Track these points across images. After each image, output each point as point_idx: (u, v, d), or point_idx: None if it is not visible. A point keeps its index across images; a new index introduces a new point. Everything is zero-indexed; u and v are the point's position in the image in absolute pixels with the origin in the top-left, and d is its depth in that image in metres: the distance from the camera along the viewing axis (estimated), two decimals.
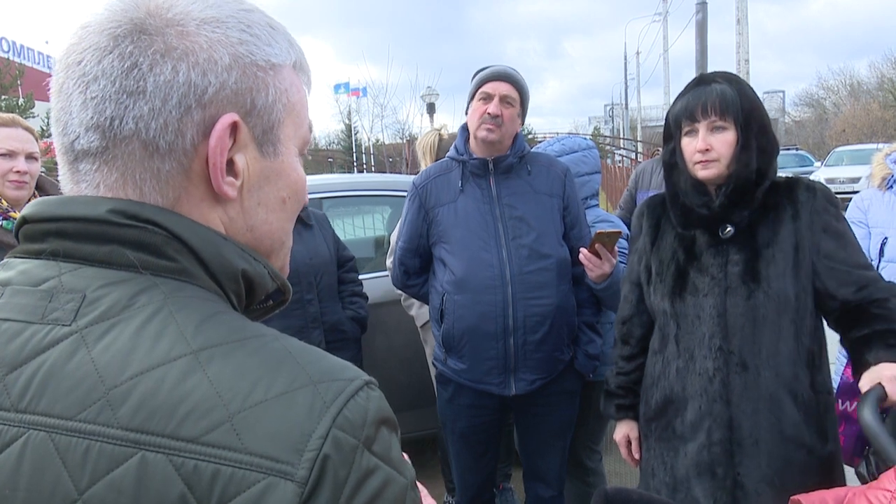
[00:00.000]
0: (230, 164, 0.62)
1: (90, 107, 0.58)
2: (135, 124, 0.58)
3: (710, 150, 1.73)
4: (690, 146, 1.77)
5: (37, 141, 2.39)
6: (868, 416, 1.50)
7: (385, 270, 3.15)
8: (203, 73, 0.59)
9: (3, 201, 2.23)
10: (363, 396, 0.54)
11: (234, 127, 0.60)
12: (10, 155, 2.25)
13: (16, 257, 0.62)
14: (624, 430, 2.05)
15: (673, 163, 1.84)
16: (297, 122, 0.67)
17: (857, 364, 1.67)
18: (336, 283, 2.88)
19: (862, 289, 1.70)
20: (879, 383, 1.55)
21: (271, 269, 0.66)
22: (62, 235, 0.59)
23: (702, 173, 1.76)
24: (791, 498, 1.40)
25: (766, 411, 1.70)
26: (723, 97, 1.72)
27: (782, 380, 1.70)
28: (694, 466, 1.78)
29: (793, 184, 1.78)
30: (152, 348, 0.53)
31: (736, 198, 1.74)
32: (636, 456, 2.03)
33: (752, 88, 1.79)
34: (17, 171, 2.25)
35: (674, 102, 1.84)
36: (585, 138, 3.14)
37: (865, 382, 1.59)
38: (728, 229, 1.76)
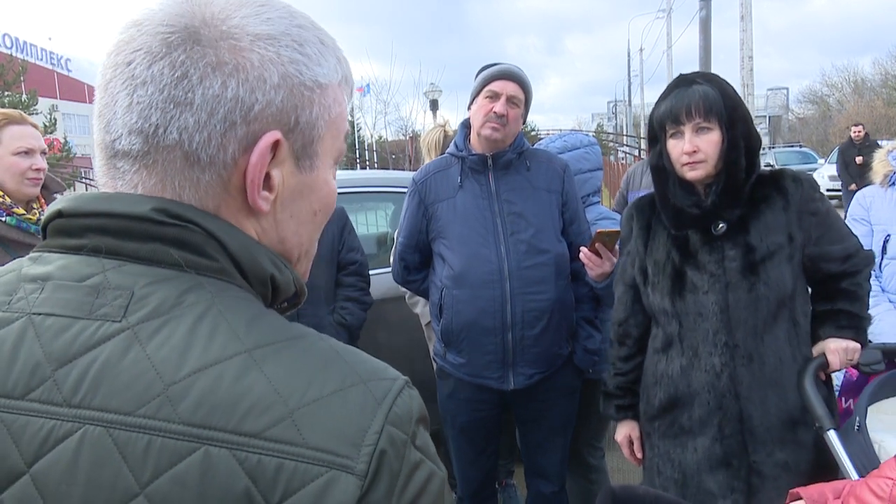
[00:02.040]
0: (266, 177, 0.62)
1: (135, 111, 0.58)
2: (178, 135, 0.58)
3: (696, 151, 1.76)
4: (677, 148, 1.79)
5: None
6: (807, 383, 1.74)
7: (389, 267, 3.15)
8: (251, 91, 0.59)
9: (6, 197, 2.21)
10: (407, 395, 0.56)
11: (275, 144, 0.61)
12: (29, 153, 2.24)
13: (51, 252, 0.61)
14: (625, 431, 2.06)
15: (660, 165, 1.86)
16: (335, 135, 0.67)
17: (811, 336, 1.84)
18: (324, 286, 2.80)
19: (846, 259, 1.81)
20: (823, 353, 1.78)
21: (296, 277, 0.67)
22: (103, 231, 0.59)
23: (690, 174, 1.79)
24: (790, 491, 1.41)
25: (775, 398, 1.76)
26: (706, 98, 1.75)
27: (785, 364, 1.77)
28: (706, 460, 1.80)
29: (778, 176, 1.83)
30: (207, 346, 0.54)
31: (727, 196, 1.77)
32: (639, 455, 2.05)
33: (732, 87, 1.83)
34: (37, 169, 2.25)
35: (656, 105, 1.87)
36: (587, 135, 3.14)
37: (814, 353, 1.81)
38: (721, 226, 1.80)
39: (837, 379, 2.71)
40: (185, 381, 0.52)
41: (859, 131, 10.37)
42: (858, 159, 10.28)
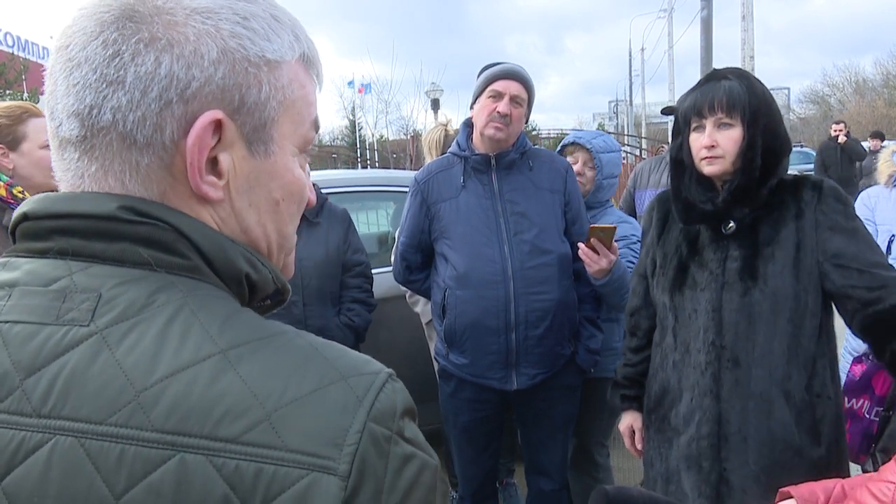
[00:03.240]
0: (214, 162, 0.59)
1: (72, 93, 0.57)
2: (112, 115, 0.56)
3: (715, 146, 1.73)
4: (697, 142, 1.77)
5: None
6: None
7: (389, 266, 3.14)
8: (187, 67, 0.56)
9: (26, 193, 2.16)
10: (390, 389, 0.54)
11: (217, 125, 0.58)
12: None
13: (18, 256, 0.59)
14: (628, 421, 2.07)
15: (679, 158, 1.85)
16: (297, 120, 0.64)
17: None
18: (331, 288, 2.79)
19: (878, 288, 1.63)
20: None
21: (275, 274, 0.65)
22: (69, 233, 0.57)
23: (707, 169, 1.76)
24: (780, 490, 1.37)
25: (756, 409, 1.70)
26: (730, 94, 1.72)
27: (774, 379, 1.70)
28: (683, 459, 1.80)
29: (799, 182, 1.77)
30: (179, 349, 0.52)
31: (739, 195, 1.74)
32: (639, 447, 2.05)
33: (762, 85, 1.78)
34: None
35: (684, 97, 1.84)
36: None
37: None
38: (730, 225, 1.77)
39: (840, 379, 2.70)
40: (156, 387, 0.50)
41: (839, 129, 10.28)
42: (841, 137, 10.10)
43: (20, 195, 2.14)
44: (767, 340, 1.70)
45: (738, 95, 1.72)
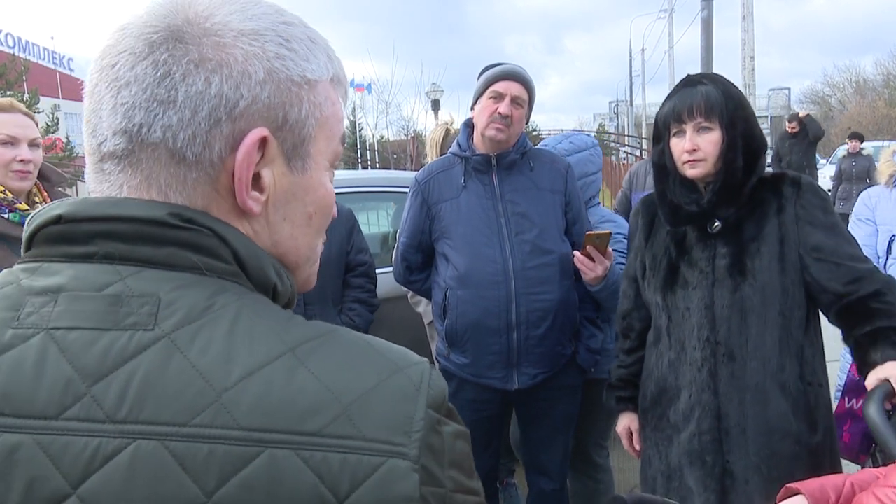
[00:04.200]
0: (256, 178, 0.61)
1: (120, 112, 0.58)
2: (162, 133, 0.58)
3: (696, 149, 1.79)
4: (679, 146, 1.82)
5: (38, 126, 2.22)
6: (874, 412, 1.52)
7: (390, 266, 3.14)
8: (236, 87, 0.58)
9: (7, 192, 2.08)
10: (436, 376, 0.59)
11: (262, 142, 0.60)
12: (13, 142, 2.07)
13: (52, 261, 0.58)
14: (625, 422, 2.10)
15: (662, 163, 1.89)
16: (329, 136, 0.66)
17: (863, 363, 1.69)
18: (333, 287, 2.79)
19: (854, 281, 1.71)
20: (887, 380, 1.57)
21: (293, 290, 0.67)
22: (112, 237, 0.57)
23: (690, 172, 1.81)
24: (786, 486, 1.36)
25: (753, 401, 1.75)
26: (708, 98, 1.78)
27: (769, 370, 1.75)
28: (686, 455, 1.83)
29: (778, 179, 1.83)
30: (251, 349, 0.54)
31: (724, 195, 1.79)
32: (637, 447, 2.07)
33: (736, 88, 1.85)
34: (21, 160, 2.07)
35: (662, 104, 1.90)
36: (589, 135, 3.13)
37: (872, 381, 1.61)
38: (716, 224, 1.82)
39: (840, 379, 2.70)
40: (237, 387, 0.52)
41: (794, 127, 10.47)
42: (792, 126, 10.35)
43: (0, 195, 2.06)
44: (760, 333, 1.75)
45: (715, 99, 1.77)
